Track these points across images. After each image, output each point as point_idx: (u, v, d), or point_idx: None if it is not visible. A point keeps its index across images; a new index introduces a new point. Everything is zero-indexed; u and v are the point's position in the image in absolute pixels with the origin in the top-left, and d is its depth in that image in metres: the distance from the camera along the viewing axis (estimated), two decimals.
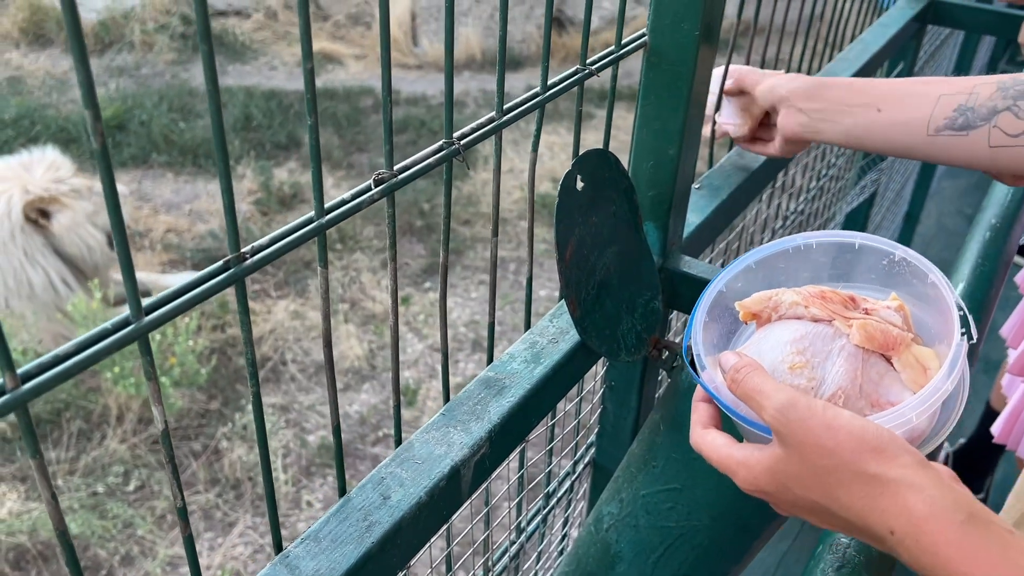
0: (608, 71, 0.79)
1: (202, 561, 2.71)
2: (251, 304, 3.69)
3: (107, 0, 6.06)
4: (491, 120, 0.65)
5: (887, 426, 0.54)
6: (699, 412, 0.63)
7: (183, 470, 3.01)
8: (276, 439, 3.12)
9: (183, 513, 0.50)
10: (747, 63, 1.16)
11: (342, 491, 0.64)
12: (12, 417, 0.37)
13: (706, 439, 0.60)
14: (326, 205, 0.53)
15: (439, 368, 3.52)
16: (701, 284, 0.90)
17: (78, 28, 0.34)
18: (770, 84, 0.94)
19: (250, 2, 6.30)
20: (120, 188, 3.53)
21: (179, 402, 3.19)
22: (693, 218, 0.98)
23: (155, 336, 3.13)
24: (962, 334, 0.60)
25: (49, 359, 0.40)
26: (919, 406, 0.57)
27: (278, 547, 0.59)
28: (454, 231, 4.26)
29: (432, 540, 0.67)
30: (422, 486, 0.64)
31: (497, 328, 3.75)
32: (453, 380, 3.46)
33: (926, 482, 0.49)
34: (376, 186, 0.56)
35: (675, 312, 1.00)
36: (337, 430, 0.61)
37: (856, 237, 0.68)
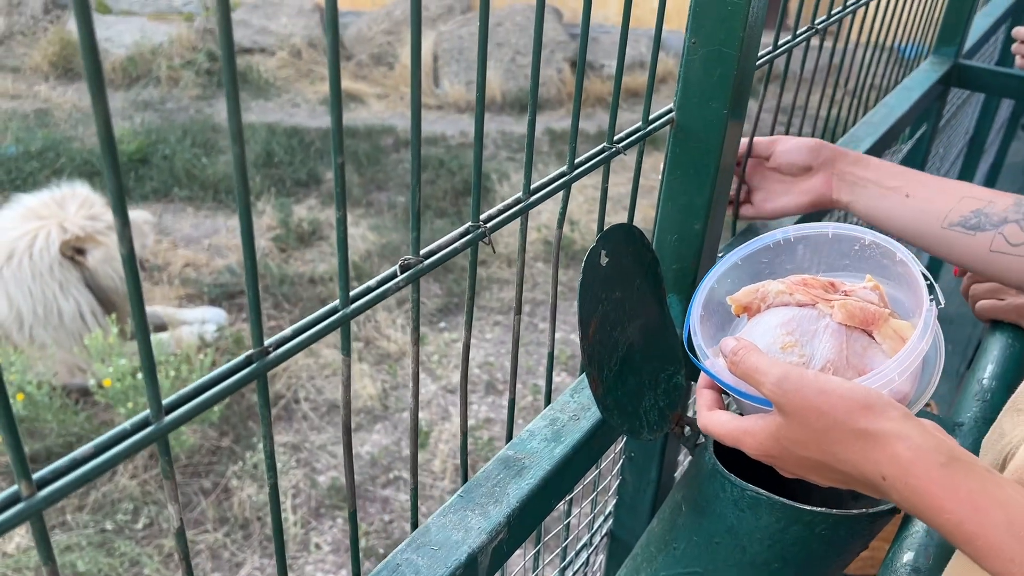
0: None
1: None
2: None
3: (136, 36, 6.17)
4: (518, 201, 0.65)
5: (873, 387, 0.61)
6: (704, 397, 0.70)
7: (192, 508, 2.99)
8: (286, 479, 3.09)
9: None
10: (773, 125, 1.16)
11: None
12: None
13: (712, 419, 0.67)
14: (351, 293, 0.52)
15: (452, 410, 3.50)
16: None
17: (99, 76, 0.33)
18: (812, 143, 0.96)
19: (275, 40, 6.40)
20: (142, 214, 3.56)
21: (191, 439, 3.18)
22: None
23: (170, 372, 3.13)
24: (930, 300, 0.67)
25: (66, 463, 0.39)
26: (899, 366, 0.64)
27: None
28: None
29: None
30: (439, 575, 0.62)
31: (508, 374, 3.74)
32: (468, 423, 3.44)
33: (912, 432, 0.55)
34: (402, 272, 0.56)
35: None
36: (353, 515, 0.60)
37: (828, 227, 0.76)
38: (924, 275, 0.70)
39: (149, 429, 0.42)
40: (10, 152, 4.81)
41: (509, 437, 0.77)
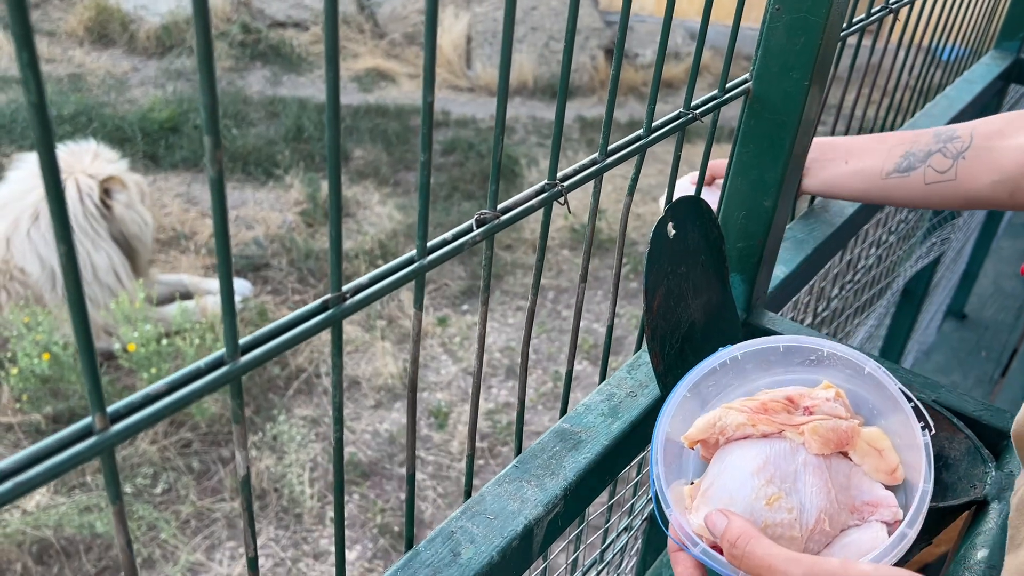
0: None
1: (221, 571, 2.69)
2: (287, 313, 3.70)
3: (171, 5, 6.17)
4: (593, 162, 0.62)
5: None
6: (682, 565, 0.59)
7: (211, 477, 3.00)
8: (305, 452, 3.09)
9: (253, 564, 0.47)
10: (836, 118, 1.13)
11: (409, 543, 0.60)
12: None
13: None
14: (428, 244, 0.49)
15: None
16: None
17: (210, 62, 0.31)
18: None
19: (309, 14, 6.38)
20: (135, 177, 3.50)
21: (212, 407, 3.18)
22: (778, 271, 0.93)
23: (194, 340, 3.14)
24: (922, 428, 0.62)
25: (139, 399, 0.37)
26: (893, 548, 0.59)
27: None
28: (495, 256, 4.23)
29: None
30: (494, 545, 0.60)
31: (532, 356, 3.69)
32: (484, 406, 3.42)
33: None
34: (478, 227, 0.53)
35: None
36: (411, 479, 0.57)
37: (780, 341, 0.68)
38: (905, 394, 0.63)
39: (224, 369, 0.39)
40: None
41: (564, 410, 0.74)
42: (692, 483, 0.63)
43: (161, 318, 3.40)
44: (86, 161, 3.23)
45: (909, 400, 0.63)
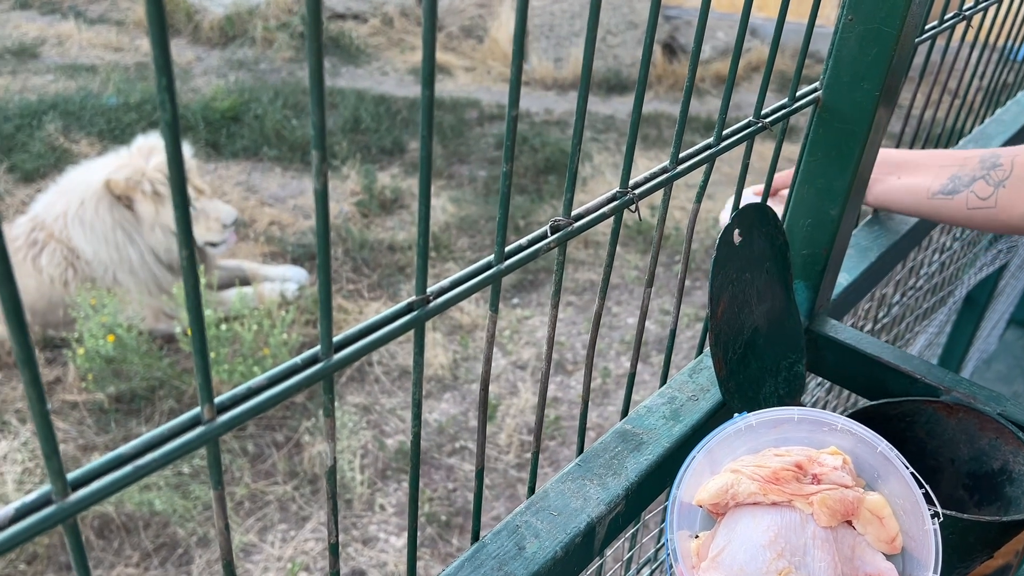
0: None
1: (273, 552, 2.76)
2: (343, 303, 3.76)
3: None
4: (664, 170, 0.63)
5: None
6: None
7: (264, 460, 3.07)
8: (356, 439, 3.15)
9: (335, 549, 0.49)
10: (906, 119, 1.12)
11: (476, 536, 0.62)
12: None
13: None
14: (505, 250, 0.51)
15: (520, 386, 3.51)
16: (846, 351, 0.86)
17: (320, 81, 0.33)
18: None
19: (368, 7, 6.45)
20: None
21: None
22: (841, 279, 0.93)
23: (253, 325, 3.21)
24: (932, 515, 0.63)
25: (242, 392, 0.39)
26: None
27: None
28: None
29: None
30: (558, 540, 0.62)
31: (580, 353, 3.72)
32: (534, 400, 3.44)
33: None
34: (552, 233, 0.55)
35: (812, 376, 0.96)
36: (479, 475, 0.59)
37: (794, 412, 0.69)
38: (915, 478, 0.65)
39: (318, 366, 0.42)
40: (111, 103, 4.97)
41: (626, 411, 0.76)
42: (697, 536, 0.65)
43: (220, 303, 3.49)
44: (151, 162, 3.31)
45: (920, 486, 0.64)
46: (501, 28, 5.92)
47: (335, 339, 0.43)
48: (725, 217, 1.07)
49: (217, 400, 0.39)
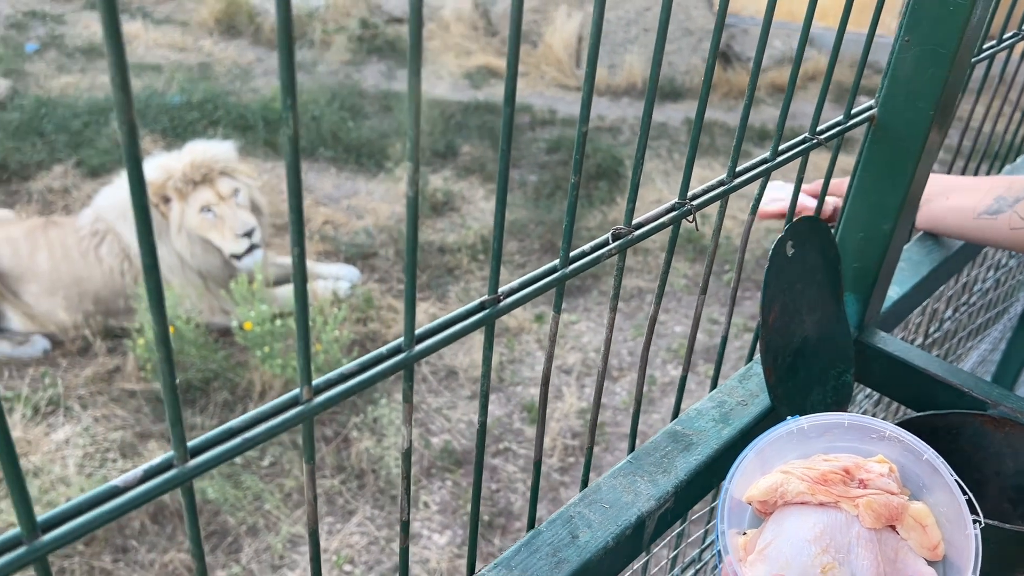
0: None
1: (320, 545, 2.82)
2: (393, 302, 3.83)
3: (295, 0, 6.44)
4: (721, 183, 0.67)
5: None
6: None
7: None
8: (401, 437, 3.21)
9: (406, 527, 0.53)
10: (963, 131, 1.13)
11: (531, 523, 0.66)
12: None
13: None
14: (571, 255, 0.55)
15: (565, 390, 3.54)
16: (895, 363, 0.87)
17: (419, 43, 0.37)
18: None
19: (426, 11, 6.54)
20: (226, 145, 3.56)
21: None
22: (892, 292, 0.95)
23: None
24: (974, 522, 0.65)
25: (336, 376, 0.44)
26: None
27: (471, 569, 0.62)
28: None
29: None
30: (609, 531, 0.65)
31: (626, 359, 3.73)
32: (578, 404, 3.47)
33: None
34: (614, 240, 0.58)
35: (860, 388, 0.98)
36: (538, 465, 0.63)
37: (846, 418, 0.71)
38: (959, 485, 0.67)
39: (401, 356, 0.46)
40: (175, 101, 5.13)
41: (676, 413, 0.79)
42: (744, 533, 0.68)
43: (274, 299, 3.59)
44: (184, 162, 3.37)
45: (964, 493, 0.66)
46: (555, 34, 5.96)
47: (418, 332, 0.47)
48: (769, 206, 1.12)
49: (316, 382, 0.43)
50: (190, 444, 0.38)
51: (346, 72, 5.92)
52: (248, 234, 3.44)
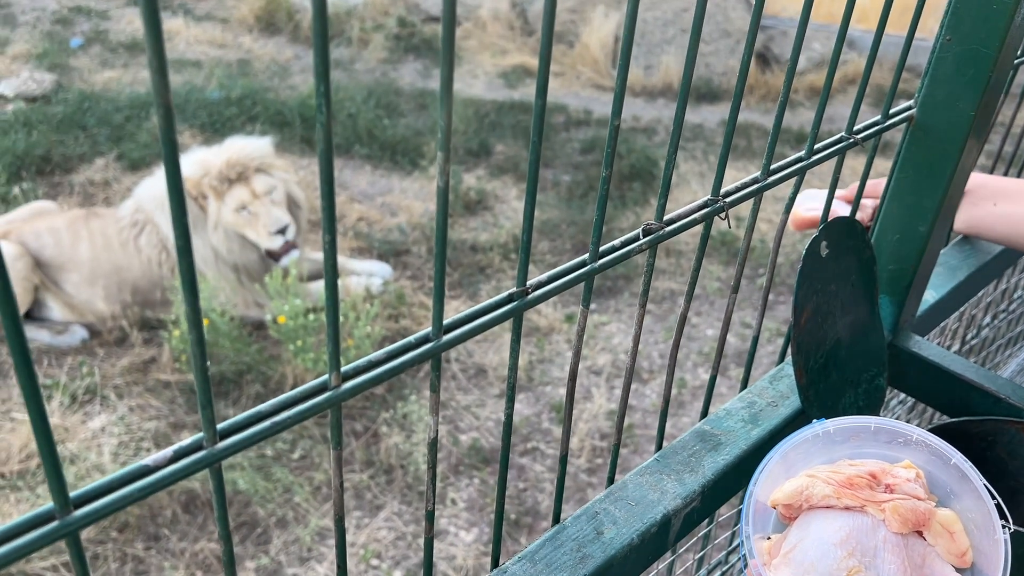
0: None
1: (348, 538, 2.85)
2: (424, 299, 3.85)
3: None
4: (755, 181, 0.66)
5: None
6: None
7: (343, 447, 3.18)
8: (428, 426, 3.23)
9: (431, 517, 0.54)
10: (1005, 136, 1.11)
11: (556, 518, 0.66)
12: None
13: None
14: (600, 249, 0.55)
15: (594, 391, 3.53)
16: (930, 367, 0.86)
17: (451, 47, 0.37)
18: None
19: (462, 10, 6.56)
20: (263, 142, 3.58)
21: None
22: (928, 296, 0.94)
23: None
24: (1003, 527, 0.64)
25: (364, 363, 0.44)
26: None
27: (495, 562, 0.62)
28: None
29: None
30: (634, 528, 0.65)
31: (656, 362, 3.71)
32: (607, 406, 3.46)
33: None
34: (644, 236, 0.58)
35: (894, 393, 0.96)
36: (564, 459, 0.63)
37: (871, 421, 0.70)
38: (988, 489, 0.65)
39: (429, 345, 0.46)
40: (214, 97, 5.20)
41: (705, 412, 0.78)
42: (769, 538, 0.67)
43: (308, 294, 3.62)
44: (220, 158, 3.42)
45: (993, 497, 0.65)
46: (592, 34, 5.95)
47: (447, 322, 0.47)
48: (799, 211, 1.09)
49: (344, 369, 0.43)
50: (219, 427, 0.39)
51: (383, 70, 5.96)
52: (282, 231, 3.48)
